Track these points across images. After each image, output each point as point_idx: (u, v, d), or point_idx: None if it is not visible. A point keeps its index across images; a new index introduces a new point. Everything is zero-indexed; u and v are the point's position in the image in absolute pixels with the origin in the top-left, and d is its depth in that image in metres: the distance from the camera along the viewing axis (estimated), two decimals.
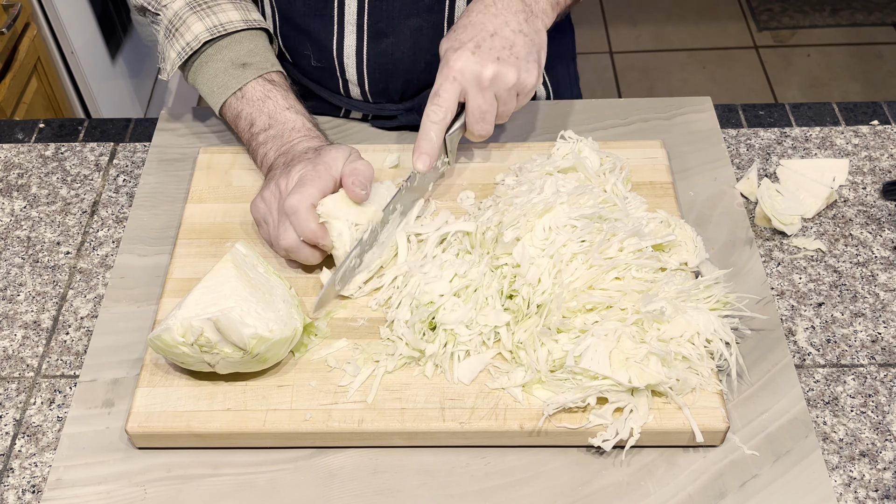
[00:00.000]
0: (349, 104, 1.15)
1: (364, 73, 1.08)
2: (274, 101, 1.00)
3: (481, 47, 0.91)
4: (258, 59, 1.03)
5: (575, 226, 0.90)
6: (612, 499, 0.80)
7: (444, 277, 0.88)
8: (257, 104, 1.00)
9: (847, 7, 3.13)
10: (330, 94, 1.15)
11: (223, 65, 1.02)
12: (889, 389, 0.88)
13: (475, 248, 0.92)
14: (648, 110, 1.14)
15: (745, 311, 0.88)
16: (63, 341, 0.94)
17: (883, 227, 1.02)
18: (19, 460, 0.85)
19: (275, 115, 1.00)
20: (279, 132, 0.99)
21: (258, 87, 1.01)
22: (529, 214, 0.91)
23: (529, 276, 0.87)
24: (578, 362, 0.81)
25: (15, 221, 1.06)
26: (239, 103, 1.01)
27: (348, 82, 1.11)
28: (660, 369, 0.81)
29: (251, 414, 0.83)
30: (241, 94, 1.01)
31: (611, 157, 1.01)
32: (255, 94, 1.01)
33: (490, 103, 0.93)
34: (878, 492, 0.81)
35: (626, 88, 2.86)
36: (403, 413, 0.83)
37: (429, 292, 0.87)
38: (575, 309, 0.86)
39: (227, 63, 1.02)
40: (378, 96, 1.12)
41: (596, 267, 0.87)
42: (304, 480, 0.82)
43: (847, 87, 2.85)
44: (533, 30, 0.94)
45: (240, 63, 1.02)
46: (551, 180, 0.95)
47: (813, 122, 1.15)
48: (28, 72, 1.86)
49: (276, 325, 0.83)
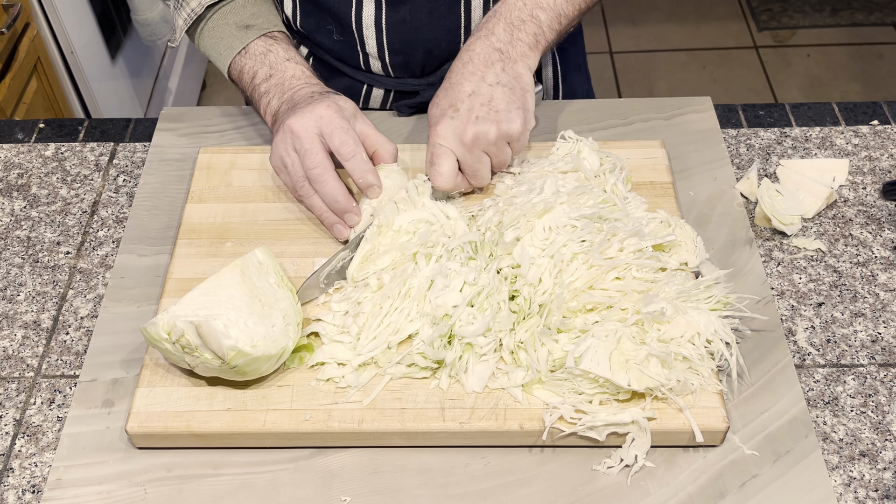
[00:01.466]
0: (371, 79, 1.16)
1: (384, 43, 1.10)
2: (275, 54, 1.03)
3: (459, 110, 0.94)
4: (261, 21, 1.07)
5: (575, 226, 0.90)
6: (612, 499, 0.80)
7: (453, 287, 0.87)
8: (259, 58, 1.04)
9: (847, 7, 3.13)
10: (353, 70, 1.16)
11: (228, 28, 1.06)
12: (889, 389, 0.88)
13: (479, 253, 0.91)
14: (648, 110, 1.14)
15: (745, 311, 0.88)
16: (63, 341, 0.94)
17: (883, 227, 1.02)
18: (19, 460, 0.85)
19: (275, 65, 1.03)
20: (280, 80, 1.01)
21: (260, 44, 1.05)
22: (529, 214, 0.91)
23: (530, 276, 0.87)
24: (578, 364, 0.81)
25: (15, 221, 1.06)
26: (242, 59, 1.05)
27: (369, 56, 1.12)
28: (659, 371, 0.81)
29: (251, 414, 0.83)
30: (244, 52, 1.05)
31: (611, 156, 1.01)
32: (257, 50, 1.04)
33: (478, 160, 0.96)
34: (878, 492, 0.81)
35: (626, 88, 2.86)
36: (403, 413, 0.83)
37: (442, 305, 0.86)
38: (575, 309, 0.86)
39: (232, 26, 1.06)
40: (399, 70, 1.13)
41: (596, 267, 0.87)
42: (304, 480, 0.82)
43: (847, 87, 2.85)
44: (512, 77, 0.96)
45: (243, 25, 1.06)
46: (551, 180, 0.95)
47: (813, 122, 1.15)
48: (28, 72, 1.86)
49: (262, 340, 0.82)
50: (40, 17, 1.91)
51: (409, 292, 0.87)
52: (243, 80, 1.05)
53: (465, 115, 0.94)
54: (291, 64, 1.03)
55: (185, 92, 2.64)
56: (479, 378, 0.84)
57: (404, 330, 0.86)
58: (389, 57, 1.11)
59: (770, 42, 3.02)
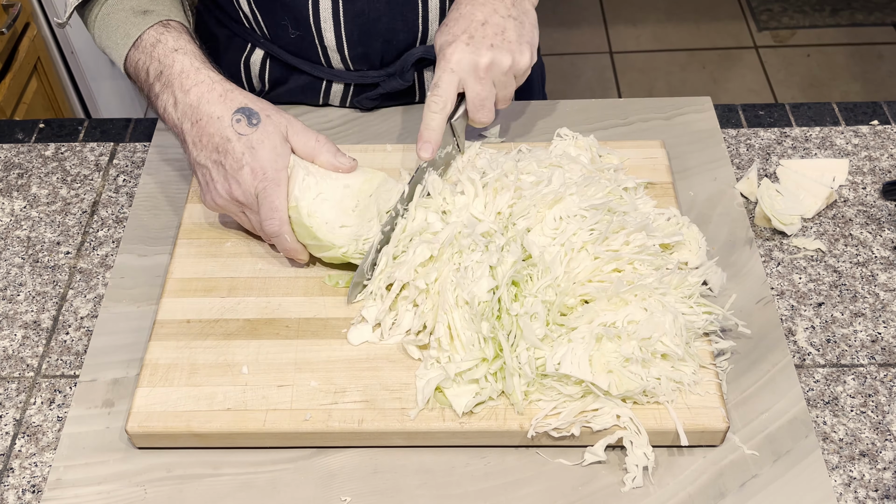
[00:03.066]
0: (331, 74, 1.13)
1: (343, 36, 1.07)
2: (163, 45, 0.94)
3: (474, 37, 0.94)
4: (160, 8, 0.97)
5: (585, 216, 0.90)
6: (612, 499, 0.80)
7: (480, 276, 0.85)
8: (148, 50, 0.94)
9: (847, 7, 3.13)
10: (311, 66, 1.13)
11: (124, 14, 0.97)
12: (889, 389, 0.88)
13: (494, 235, 0.90)
14: (648, 110, 1.14)
15: (730, 316, 0.87)
16: (63, 341, 0.94)
17: (883, 227, 1.02)
18: (19, 460, 0.85)
19: (163, 59, 0.93)
20: (168, 79, 0.92)
21: (152, 34, 0.95)
22: (540, 205, 0.91)
23: (541, 266, 0.86)
24: (559, 369, 0.81)
25: (15, 221, 1.06)
26: (135, 53, 0.96)
27: (327, 49, 1.09)
28: (639, 371, 0.81)
29: (251, 414, 0.83)
30: (137, 44, 0.95)
31: (612, 153, 1.02)
32: (147, 42, 0.95)
33: (489, 90, 0.96)
34: (878, 492, 0.81)
35: (626, 88, 2.86)
36: (403, 413, 0.83)
37: (477, 293, 0.84)
38: (573, 306, 0.86)
39: (129, 12, 0.97)
40: (358, 62, 1.11)
41: (600, 259, 0.87)
42: (304, 480, 0.82)
43: (847, 87, 2.85)
44: (521, 12, 0.97)
45: (141, 10, 0.97)
46: (559, 172, 0.95)
47: (813, 122, 1.15)
48: (28, 72, 1.86)
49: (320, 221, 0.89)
50: (40, 17, 1.91)
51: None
52: (139, 76, 0.96)
53: (480, 42, 0.93)
54: (179, 55, 0.92)
55: None
56: (465, 402, 0.83)
57: None
58: (348, 50, 1.09)
59: (770, 42, 3.02)
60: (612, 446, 0.82)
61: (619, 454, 0.83)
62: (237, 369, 0.86)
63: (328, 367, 0.87)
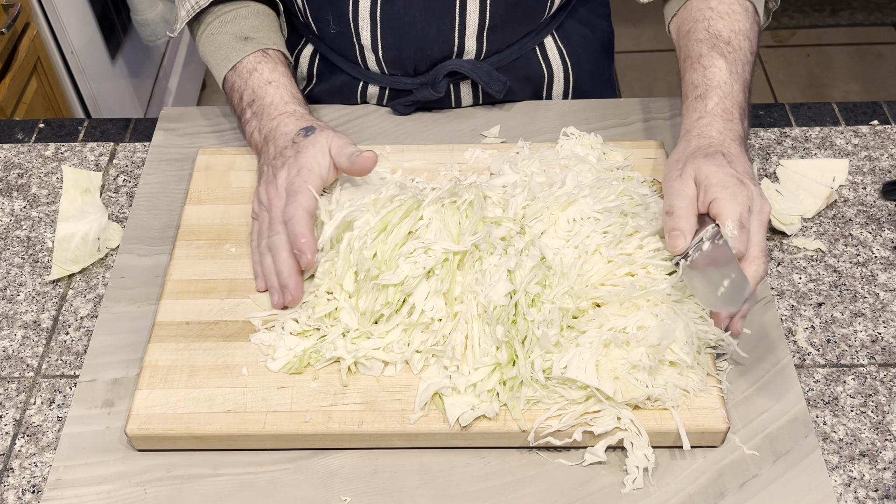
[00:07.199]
0: (367, 76, 1.15)
1: (378, 37, 1.09)
2: (259, 75, 1.03)
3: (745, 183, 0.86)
4: (261, 35, 1.06)
5: (598, 218, 0.90)
6: (612, 499, 0.80)
7: (498, 280, 0.84)
8: (244, 76, 1.03)
9: (847, 7, 3.13)
10: (350, 65, 1.16)
11: (227, 38, 1.06)
12: (889, 389, 0.88)
13: (512, 237, 0.89)
14: (648, 110, 1.14)
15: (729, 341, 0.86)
16: (63, 341, 0.94)
17: (883, 227, 1.02)
18: (19, 460, 0.85)
19: (257, 89, 1.02)
20: (259, 109, 1.01)
21: (251, 60, 1.04)
22: (553, 207, 0.91)
23: (557, 271, 0.86)
24: (565, 373, 0.81)
25: (15, 221, 1.06)
26: (233, 75, 1.04)
27: (364, 48, 1.11)
28: (645, 378, 0.81)
29: (251, 416, 0.83)
30: (236, 68, 1.04)
31: (615, 150, 1.02)
32: (245, 68, 1.03)
33: None
34: (878, 492, 0.81)
35: (626, 88, 2.86)
36: (403, 415, 0.83)
37: (493, 298, 0.83)
38: (584, 309, 0.86)
39: (231, 36, 1.06)
40: (392, 66, 1.13)
41: (613, 262, 0.87)
42: (304, 480, 0.82)
43: (847, 87, 2.85)
44: None
45: (243, 37, 1.06)
46: (572, 173, 0.95)
47: (813, 122, 1.15)
48: (28, 72, 1.86)
49: None
50: (40, 17, 1.91)
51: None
52: (233, 98, 1.05)
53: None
54: (272, 88, 1.01)
55: (185, 92, 2.64)
56: (459, 412, 0.82)
57: None
58: (382, 52, 1.11)
59: (770, 42, 3.02)
60: (613, 446, 0.82)
61: (619, 454, 0.83)
62: (237, 371, 0.86)
63: (328, 367, 0.87)
